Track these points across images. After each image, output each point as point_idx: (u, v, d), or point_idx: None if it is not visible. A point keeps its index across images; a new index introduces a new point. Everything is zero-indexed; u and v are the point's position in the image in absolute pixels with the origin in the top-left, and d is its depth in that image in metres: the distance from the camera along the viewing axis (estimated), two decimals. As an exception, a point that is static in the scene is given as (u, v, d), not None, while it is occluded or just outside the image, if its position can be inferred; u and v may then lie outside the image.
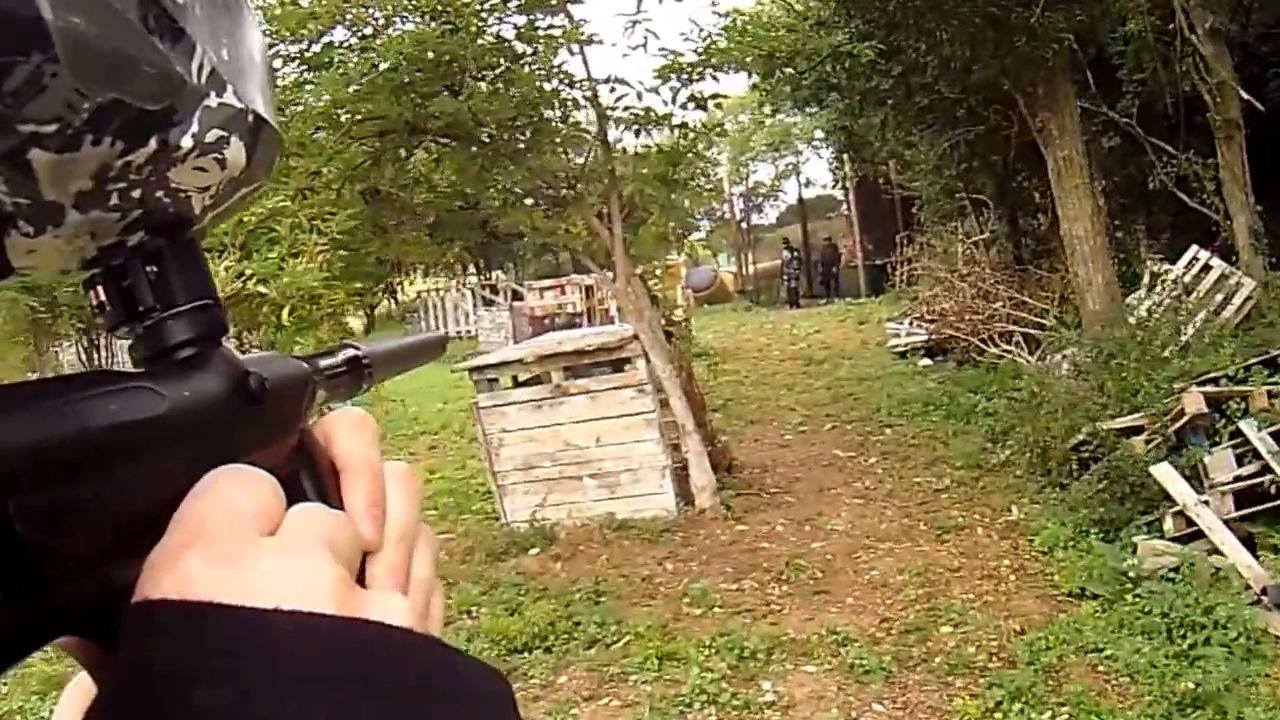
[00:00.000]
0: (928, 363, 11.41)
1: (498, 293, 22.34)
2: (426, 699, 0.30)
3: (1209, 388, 5.61)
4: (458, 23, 6.05)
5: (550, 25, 6.40)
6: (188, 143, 0.32)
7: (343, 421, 0.39)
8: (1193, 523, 4.75)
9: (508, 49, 6.37)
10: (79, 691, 0.36)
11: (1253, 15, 9.35)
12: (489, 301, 22.35)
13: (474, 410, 7.05)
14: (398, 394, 10.33)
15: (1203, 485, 5.00)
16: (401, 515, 0.37)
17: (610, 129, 6.97)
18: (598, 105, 6.76)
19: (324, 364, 0.45)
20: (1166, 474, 5.00)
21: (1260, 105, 8.28)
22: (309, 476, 0.37)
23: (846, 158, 19.08)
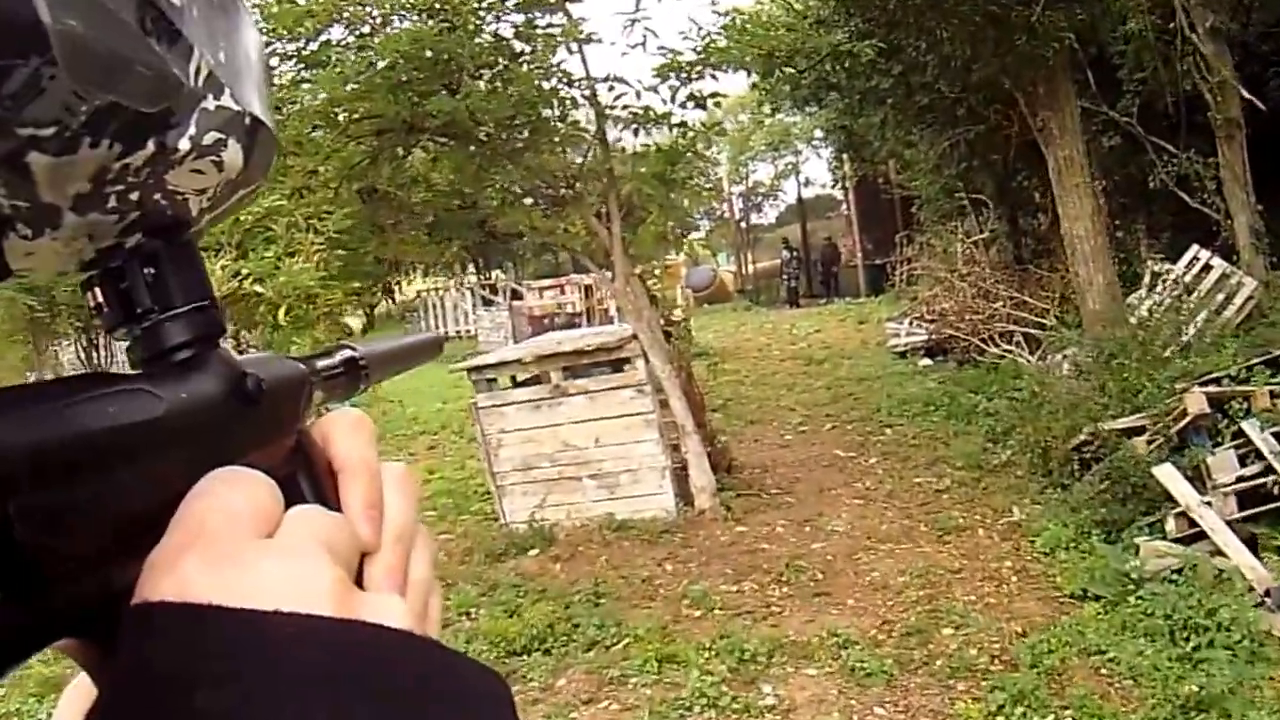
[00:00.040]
0: (928, 363, 11.40)
1: (497, 292, 22.34)
2: (425, 701, 0.30)
3: (1211, 388, 5.60)
4: (455, 21, 6.04)
5: (549, 24, 6.39)
6: (185, 145, 0.32)
7: (340, 422, 0.39)
8: (1195, 524, 4.73)
9: (506, 47, 6.35)
10: (78, 693, 0.36)
11: (1253, 14, 9.35)
12: (488, 301, 22.35)
13: (472, 410, 7.03)
14: (396, 394, 10.31)
15: (1205, 486, 4.98)
16: (399, 516, 0.37)
17: (609, 128, 6.96)
18: (596, 104, 6.74)
19: (321, 365, 0.45)
20: (1169, 475, 4.98)
21: (1261, 104, 8.29)
22: (306, 478, 0.37)
23: (846, 157, 19.08)
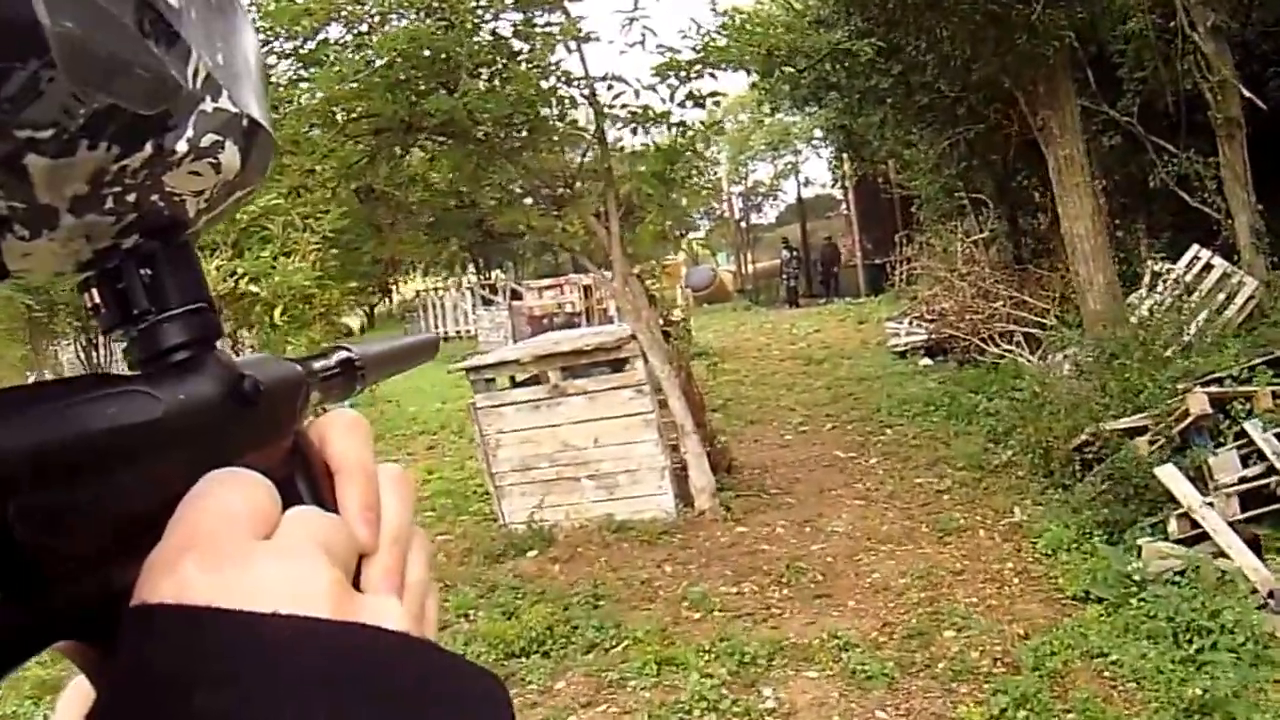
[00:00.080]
0: (928, 362, 11.40)
1: (496, 292, 22.33)
2: (423, 703, 0.30)
3: (1213, 388, 5.59)
4: (453, 19, 6.02)
5: (547, 22, 6.37)
6: (183, 147, 0.32)
7: (336, 423, 0.39)
8: (1197, 525, 4.70)
9: (504, 46, 6.34)
10: (77, 695, 0.37)
11: (1254, 13, 9.34)
12: (488, 301, 22.34)
13: (471, 411, 7.01)
14: (395, 394, 10.31)
15: (1207, 487, 4.95)
16: (396, 518, 0.37)
17: (608, 127, 6.95)
18: (595, 103, 6.72)
19: (317, 366, 0.45)
20: (1171, 475, 4.95)
21: (1261, 103, 8.28)
22: (304, 479, 0.38)
23: (846, 157, 19.07)
